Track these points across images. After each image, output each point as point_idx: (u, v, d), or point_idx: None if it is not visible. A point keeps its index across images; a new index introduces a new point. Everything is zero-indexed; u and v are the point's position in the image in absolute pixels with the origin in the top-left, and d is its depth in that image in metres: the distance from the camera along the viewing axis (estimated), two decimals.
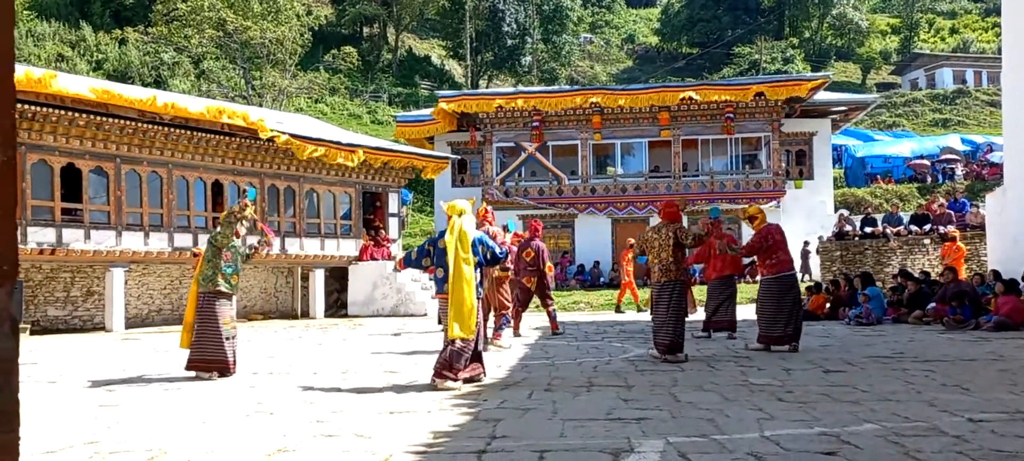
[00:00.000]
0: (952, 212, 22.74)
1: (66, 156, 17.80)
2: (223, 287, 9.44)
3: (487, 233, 10.23)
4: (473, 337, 8.06)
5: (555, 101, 29.84)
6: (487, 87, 58.71)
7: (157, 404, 7.50)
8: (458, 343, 8.01)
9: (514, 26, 63.39)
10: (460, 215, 8.35)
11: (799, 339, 11.06)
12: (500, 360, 10.53)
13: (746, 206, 13.19)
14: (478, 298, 8.27)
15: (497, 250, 8.64)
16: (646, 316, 15.43)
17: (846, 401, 6.61)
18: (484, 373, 8.47)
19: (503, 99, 30.30)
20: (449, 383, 7.91)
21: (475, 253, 8.28)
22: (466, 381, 8.12)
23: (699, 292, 17.12)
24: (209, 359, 9.33)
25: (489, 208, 13.81)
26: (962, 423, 5.60)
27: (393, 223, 26.49)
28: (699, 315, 14.56)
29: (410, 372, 9.49)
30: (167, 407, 7.29)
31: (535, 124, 30.15)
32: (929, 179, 40.89)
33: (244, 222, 9.68)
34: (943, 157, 42.31)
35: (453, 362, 7.98)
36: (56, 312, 19.89)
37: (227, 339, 9.38)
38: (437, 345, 13.31)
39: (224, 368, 9.33)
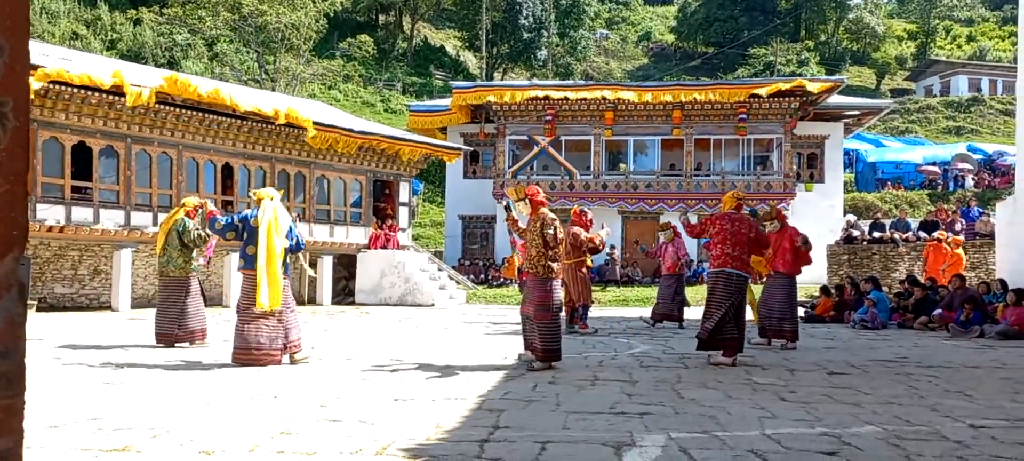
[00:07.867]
0: (963, 218, 22.67)
1: (77, 134, 17.87)
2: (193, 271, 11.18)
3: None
4: (280, 309, 8.89)
5: (568, 95, 29.70)
6: (502, 80, 58.64)
7: (161, 384, 7.55)
8: (271, 320, 8.89)
9: (531, 19, 63.27)
10: (272, 199, 9.18)
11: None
12: (506, 353, 10.55)
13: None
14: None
15: (300, 239, 9.50)
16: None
17: (848, 403, 6.61)
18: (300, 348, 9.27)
19: (517, 92, 30.18)
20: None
21: (290, 237, 9.23)
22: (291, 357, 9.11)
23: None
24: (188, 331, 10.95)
25: (585, 210, 14.01)
26: (963, 429, 5.60)
27: (403, 212, 26.55)
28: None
29: (415, 360, 9.52)
30: (171, 387, 7.34)
31: (548, 118, 30.08)
32: (940, 186, 40.72)
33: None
34: (955, 165, 42.15)
35: (265, 343, 8.88)
36: (63, 290, 20.00)
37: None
38: (444, 335, 13.37)
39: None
